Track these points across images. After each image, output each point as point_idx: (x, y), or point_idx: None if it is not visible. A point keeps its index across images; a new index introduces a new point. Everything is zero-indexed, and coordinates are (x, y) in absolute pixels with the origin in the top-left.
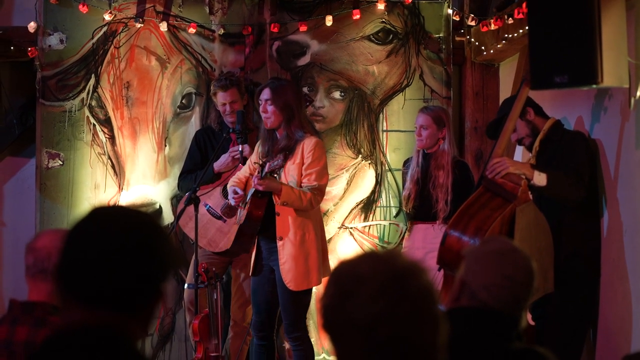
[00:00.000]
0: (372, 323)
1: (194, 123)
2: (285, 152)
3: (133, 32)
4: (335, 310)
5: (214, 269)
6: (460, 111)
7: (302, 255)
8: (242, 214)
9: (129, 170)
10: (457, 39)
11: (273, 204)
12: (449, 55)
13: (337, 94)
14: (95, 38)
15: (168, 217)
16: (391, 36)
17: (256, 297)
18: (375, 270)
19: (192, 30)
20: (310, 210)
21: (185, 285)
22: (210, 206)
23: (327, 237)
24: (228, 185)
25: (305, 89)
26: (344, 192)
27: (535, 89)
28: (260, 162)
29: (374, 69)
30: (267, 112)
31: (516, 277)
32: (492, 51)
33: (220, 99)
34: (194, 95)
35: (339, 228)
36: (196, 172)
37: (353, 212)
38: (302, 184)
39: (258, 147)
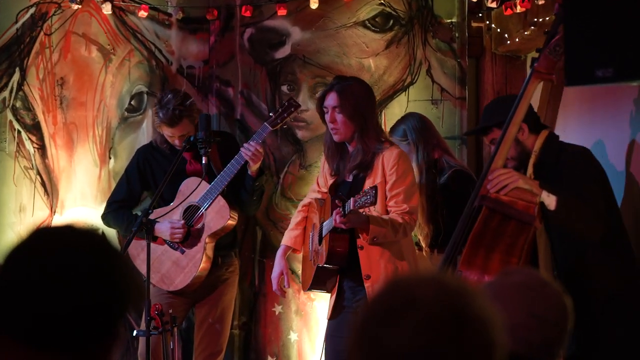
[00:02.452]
0: (411, 356)
1: (145, 130)
2: (363, 172)
3: (68, 16)
4: (372, 335)
5: (170, 311)
6: (478, 115)
7: None
8: (319, 252)
9: (63, 188)
10: (474, 24)
11: (354, 236)
12: (463, 46)
13: None
14: (20, 22)
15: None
16: (391, 22)
17: (332, 344)
18: (435, 298)
19: (143, 13)
20: (405, 238)
21: (134, 332)
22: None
23: None
24: (282, 242)
25: (285, 88)
26: None
27: (571, 85)
28: (334, 189)
29: (370, 63)
30: (336, 122)
31: (547, 316)
32: (517, 40)
33: (167, 132)
34: (145, 95)
35: None
36: (127, 209)
37: None
38: (389, 209)
39: (323, 166)
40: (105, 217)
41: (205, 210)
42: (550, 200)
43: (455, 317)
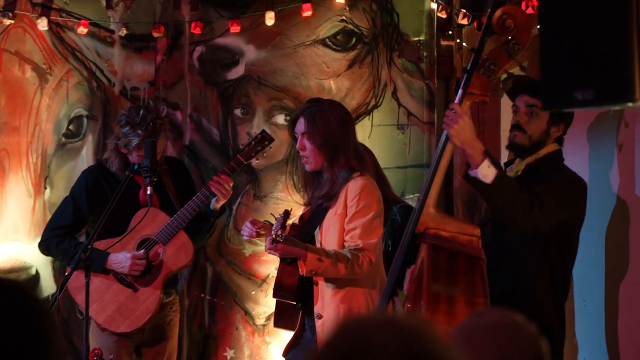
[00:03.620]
0: None
1: (85, 157)
2: (327, 203)
3: (0, 32)
4: None
5: (111, 356)
6: None
7: None
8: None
9: None
10: (444, 43)
11: None
12: (432, 66)
13: (280, 118)
14: None
15: (48, 286)
16: (354, 40)
17: None
18: (394, 343)
19: (82, 29)
20: (356, 278)
21: None
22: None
23: (268, 311)
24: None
25: (238, 111)
26: None
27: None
28: (272, 215)
29: (330, 85)
30: (305, 150)
31: (519, 359)
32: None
33: (141, 151)
34: (85, 119)
35: None
36: (71, 235)
37: None
38: (345, 243)
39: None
40: (46, 244)
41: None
42: (489, 172)
43: (415, 356)
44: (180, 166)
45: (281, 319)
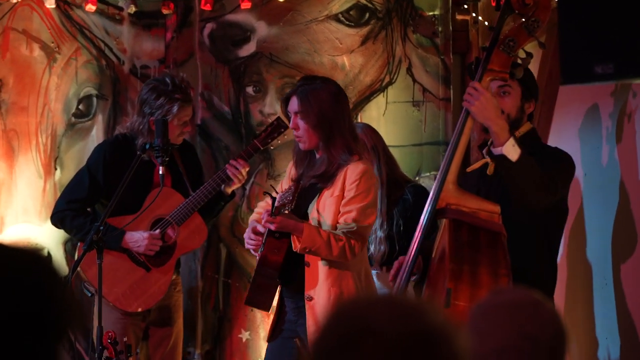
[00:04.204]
0: None
1: (95, 137)
2: (322, 184)
3: (6, 10)
4: None
5: (125, 339)
6: None
7: None
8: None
9: (3, 203)
10: (459, 17)
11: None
12: (447, 41)
13: None
14: None
15: (60, 267)
16: (367, 15)
17: None
18: (392, 322)
19: (91, 7)
20: (346, 261)
21: None
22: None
23: None
24: (250, 219)
25: (250, 89)
26: None
27: (567, 83)
28: (274, 189)
29: (344, 61)
30: (299, 129)
31: (540, 336)
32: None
33: (187, 115)
34: (94, 99)
35: None
36: (85, 210)
37: None
38: (338, 225)
39: (290, 170)
40: (61, 215)
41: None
42: (514, 151)
43: (415, 338)
44: (191, 150)
45: (256, 296)
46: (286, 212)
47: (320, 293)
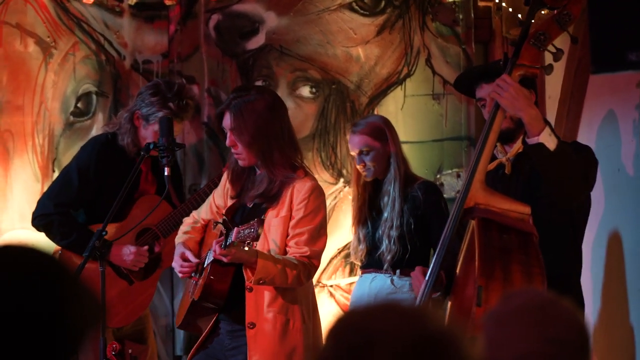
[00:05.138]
0: None
1: None
2: (267, 203)
3: None
4: None
5: (130, 351)
6: None
7: (284, 353)
8: (197, 285)
9: None
10: (481, 4)
11: (242, 273)
12: (469, 29)
13: (305, 91)
14: None
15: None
16: (383, 3)
17: None
18: (398, 330)
19: None
20: (299, 287)
21: None
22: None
23: None
24: (177, 240)
25: (259, 84)
26: None
27: (599, 72)
28: (224, 217)
29: (359, 52)
30: (237, 148)
31: (564, 337)
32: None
33: (175, 129)
34: (94, 96)
35: (314, 286)
36: (71, 214)
37: (333, 262)
38: (288, 249)
39: (225, 184)
40: (48, 219)
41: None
42: (551, 140)
43: (423, 345)
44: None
45: (191, 321)
46: (246, 248)
47: (264, 320)
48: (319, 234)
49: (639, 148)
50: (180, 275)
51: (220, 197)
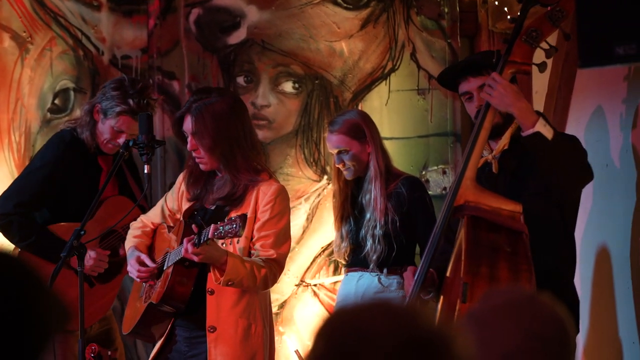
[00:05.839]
0: None
1: None
2: (230, 206)
3: None
4: None
5: (109, 353)
6: None
7: (245, 358)
8: (153, 288)
9: None
10: None
11: (204, 275)
12: (454, 23)
13: (288, 86)
14: None
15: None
16: None
17: None
18: (388, 329)
19: None
20: (264, 290)
21: None
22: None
23: (281, 298)
24: (127, 244)
25: (241, 80)
26: (303, 231)
27: (586, 66)
28: (190, 214)
29: (342, 47)
30: (199, 152)
31: (545, 333)
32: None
33: (124, 126)
34: (72, 92)
35: (297, 286)
36: (31, 215)
37: (317, 261)
38: (253, 251)
39: (180, 188)
40: (7, 220)
41: None
42: (547, 130)
43: (414, 344)
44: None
45: (145, 327)
46: (223, 246)
47: (225, 324)
48: (285, 237)
49: (627, 142)
50: (138, 280)
51: (174, 201)
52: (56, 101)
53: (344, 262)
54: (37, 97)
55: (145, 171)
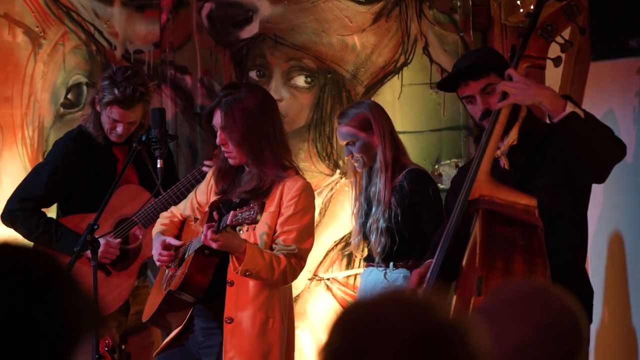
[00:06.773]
0: None
1: None
2: (254, 196)
3: None
4: None
5: (124, 347)
6: None
7: (260, 352)
8: (174, 276)
9: None
10: None
11: (224, 266)
12: (466, 17)
13: (300, 80)
14: None
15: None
16: None
17: None
18: (404, 321)
19: None
20: (284, 285)
21: None
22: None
23: (294, 292)
24: (154, 231)
25: (253, 74)
26: (316, 225)
27: (599, 59)
28: (217, 205)
29: (355, 41)
30: (228, 146)
31: (557, 324)
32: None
33: (115, 115)
34: (84, 87)
35: (310, 280)
36: (40, 210)
37: (330, 255)
38: (275, 245)
39: (210, 181)
40: (12, 216)
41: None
42: (578, 110)
43: (428, 336)
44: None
45: (161, 315)
46: (241, 232)
47: (244, 316)
48: (308, 234)
49: None
50: (158, 264)
51: (204, 194)
52: (69, 96)
53: (358, 256)
54: (50, 92)
55: (158, 165)
